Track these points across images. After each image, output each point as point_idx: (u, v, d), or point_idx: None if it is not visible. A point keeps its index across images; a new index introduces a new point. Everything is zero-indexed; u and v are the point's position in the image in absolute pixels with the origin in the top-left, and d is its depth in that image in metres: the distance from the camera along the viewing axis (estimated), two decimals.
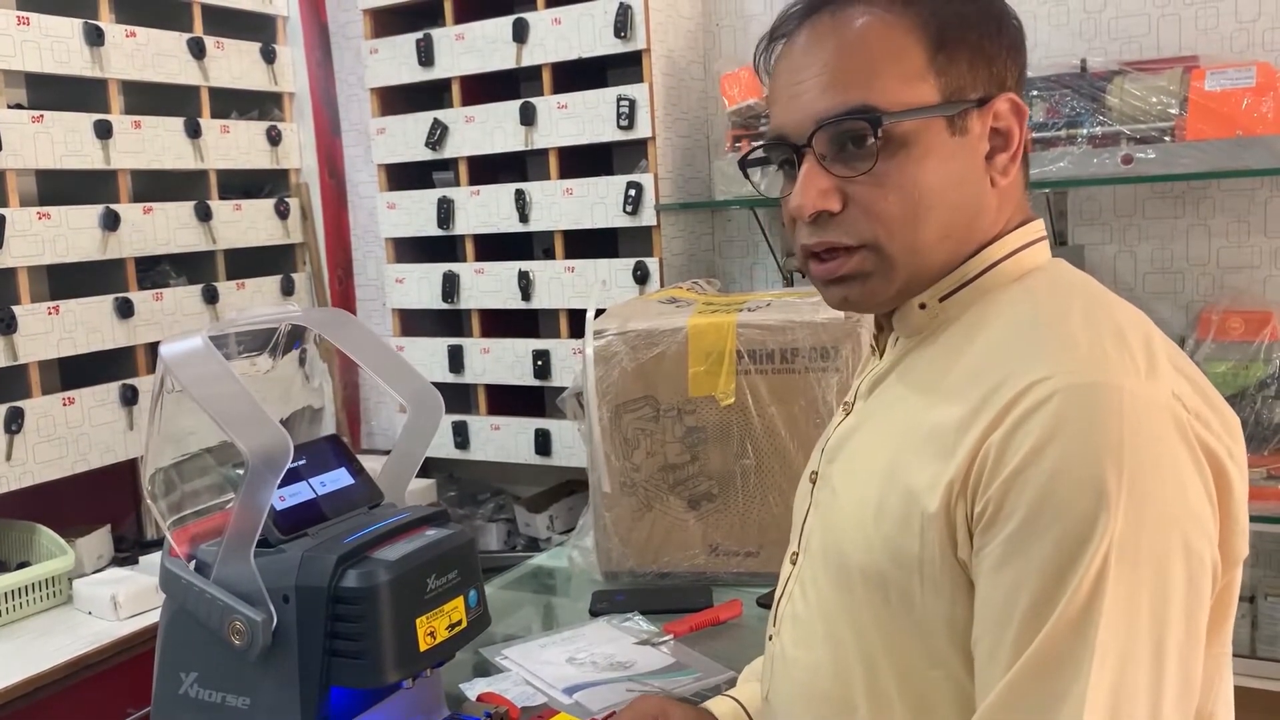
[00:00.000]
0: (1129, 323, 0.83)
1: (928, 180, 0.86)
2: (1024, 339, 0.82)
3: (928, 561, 0.81)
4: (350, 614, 1.05)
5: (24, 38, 2.20)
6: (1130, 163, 1.91)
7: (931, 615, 0.82)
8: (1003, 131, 0.88)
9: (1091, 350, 0.79)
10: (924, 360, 0.90)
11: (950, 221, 0.87)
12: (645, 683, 1.42)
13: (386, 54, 2.68)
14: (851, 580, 0.87)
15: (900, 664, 0.84)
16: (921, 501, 0.81)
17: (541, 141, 2.50)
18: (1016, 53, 0.90)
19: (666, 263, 2.41)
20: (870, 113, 0.85)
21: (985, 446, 0.77)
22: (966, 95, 0.86)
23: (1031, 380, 0.77)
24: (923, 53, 0.86)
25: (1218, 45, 2.07)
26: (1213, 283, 2.10)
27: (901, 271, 0.89)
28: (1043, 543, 0.74)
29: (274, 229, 2.83)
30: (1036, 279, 0.89)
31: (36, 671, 1.86)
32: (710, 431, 1.76)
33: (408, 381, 1.30)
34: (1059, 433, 0.74)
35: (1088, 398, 0.75)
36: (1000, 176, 0.88)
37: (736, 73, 2.29)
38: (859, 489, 0.89)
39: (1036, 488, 0.74)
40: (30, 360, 2.19)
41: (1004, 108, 0.88)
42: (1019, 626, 0.75)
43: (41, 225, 2.21)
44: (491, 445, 2.67)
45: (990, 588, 0.77)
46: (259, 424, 1.05)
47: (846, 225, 0.87)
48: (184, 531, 1.17)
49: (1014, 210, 0.91)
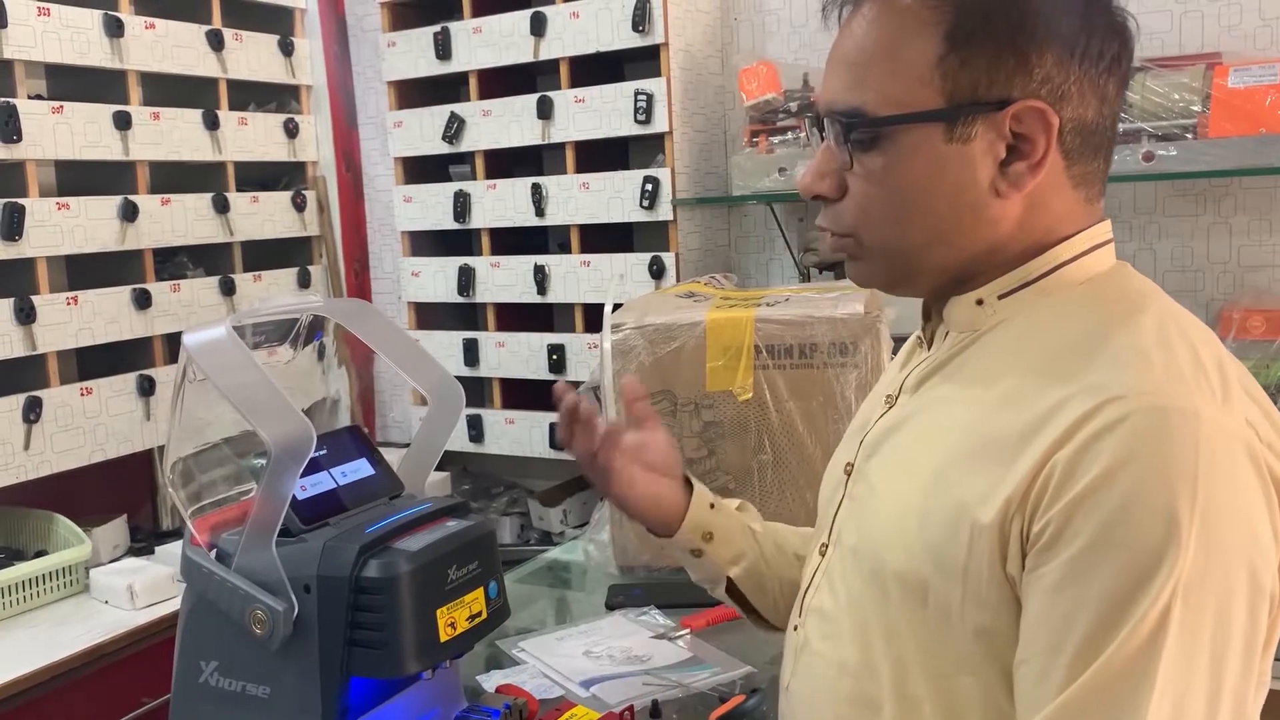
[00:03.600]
0: (1202, 342, 0.81)
1: (910, 186, 0.84)
2: (1094, 350, 0.79)
3: (973, 573, 0.79)
4: (371, 604, 1.05)
5: (44, 29, 2.20)
6: (1151, 160, 1.90)
7: (969, 625, 0.80)
8: (1027, 138, 0.81)
9: (1168, 371, 0.76)
10: (980, 359, 0.87)
11: (939, 229, 0.85)
12: (662, 676, 1.42)
13: (404, 47, 2.68)
14: (886, 583, 0.85)
15: (932, 668, 0.83)
16: (973, 512, 0.78)
17: (558, 135, 2.50)
18: (1074, 47, 0.81)
19: (682, 258, 2.41)
20: (856, 115, 0.84)
21: (1051, 463, 0.74)
22: (979, 97, 0.81)
23: (1105, 398, 0.74)
24: (933, 51, 0.82)
25: (1241, 42, 2.06)
26: (1233, 281, 2.09)
27: (886, 267, 0.88)
28: (1107, 570, 0.72)
29: (291, 221, 2.83)
30: (1104, 284, 0.85)
31: (53, 660, 1.87)
32: (728, 427, 1.76)
33: (429, 372, 1.29)
34: (1133, 457, 0.72)
35: (1164, 422, 0.72)
36: (1010, 188, 0.82)
37: (754, 67, 2.28)
38: (902, 490, 0.87)
39: (1106, 512, 0.72)
40: (49, 350, 2.20)
41: (1026, 114, 0.81)
42: (1074, 653, 0.73)
43: (60, 216, 2.22)
44: (506, 439, 2.67)
45: (1045, 610, 0.75)
46: (282, 413, 1.05)
47: (837, 213, 0.89)
48: (205, 520, 1.17)
49: (1063, 216, 0.85)
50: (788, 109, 2.27)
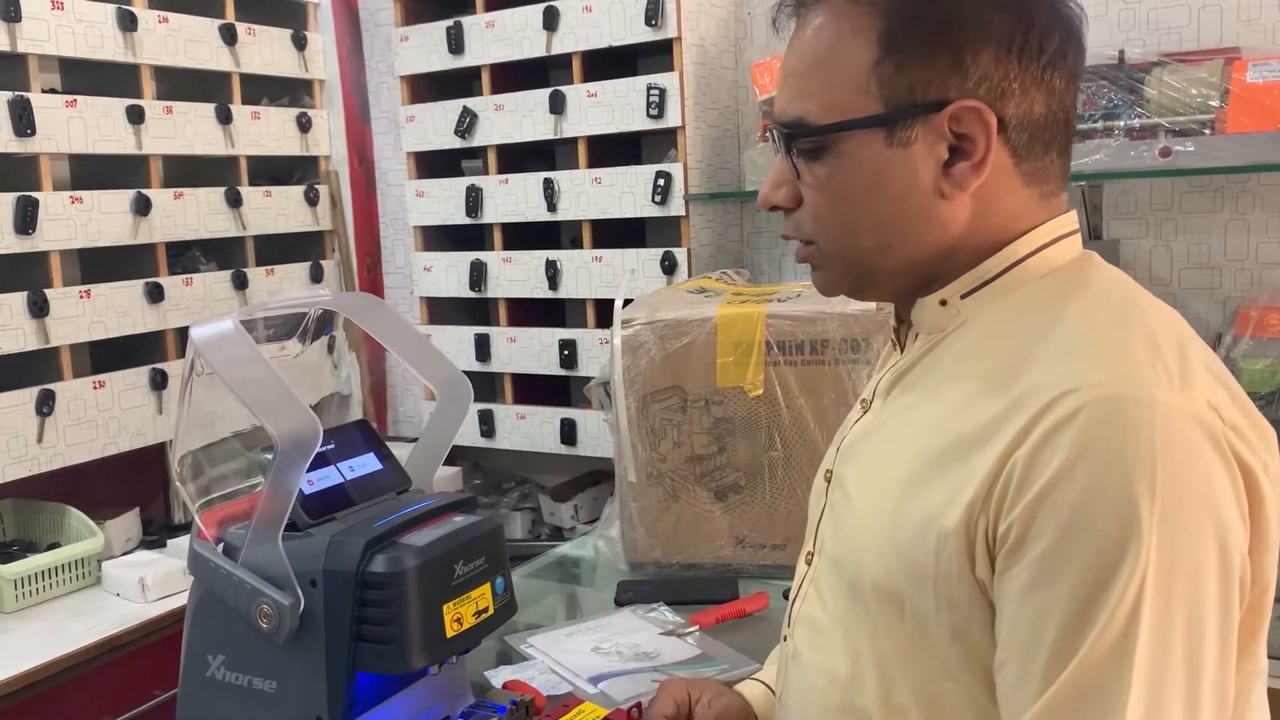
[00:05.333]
0: (1162, 326, 0.80)
1: (856, 192, 0.84)
2: (1050, 344, 0.78)
3: (942, 579, 0.78)
4: (377, 599, 1.05)
5: (58, 22, 2.21)
6: (1168, 155, 1.88)
7: (945, 632, 0.79)
8: (967, 137, 0.81)
9: (1121, 359, 0.75)
10: (945, 361, 0.87)
11: (888, 233, 0.85)
12: (670, 673, 1.42)
13: (416, 41, 2.68)
14: (865, 593, 0.85)
15: (915, 677, 0.82)
16: (939, 519, 0.78)
17: (571, 130, 2.49)
18: (1010, 44, 0.80)
19: (694, 253, 2.40)
20: (799, 125, 0.85)
21: (1010, 463, 0.74)
22: (916, 100, 0.81)
23: (1058, 392, 0.74)
24: (868, 57, 0.82)
25: (1260, 37, 2.04)
26: (1251, 278, 2.07)
27: (846, 272, 0.89)
28: (1073, 567, 0.71)
29: (303, 216, 2.84)
30: (1066, 276, 0.85)
31: (65, 652, 1.87)
32: (738, 423, 1.75)
33: (437, 367, 1.29)
34: (1088, 451, 0.71)
35: (1118, 412, 0.72)
36: (954, 189, 0.82)
37: (768, 62, 2.27)
38: (875, 497, 0.86)
39: (1066, 509, 0.71)
40: (62, 343, 2.21)
41: (964, 114, 0.80)
42: (1050, 653, 0.72)
43: (74, 209, 2.23)
44: (517, 434, 2.67)
45: (1017, 612, 0.74)
46: (289, 407, 1.05)
47: (796, 221, 0.90)
48: (212, 514, 1.17)
49: (1016, 214, 0.85)
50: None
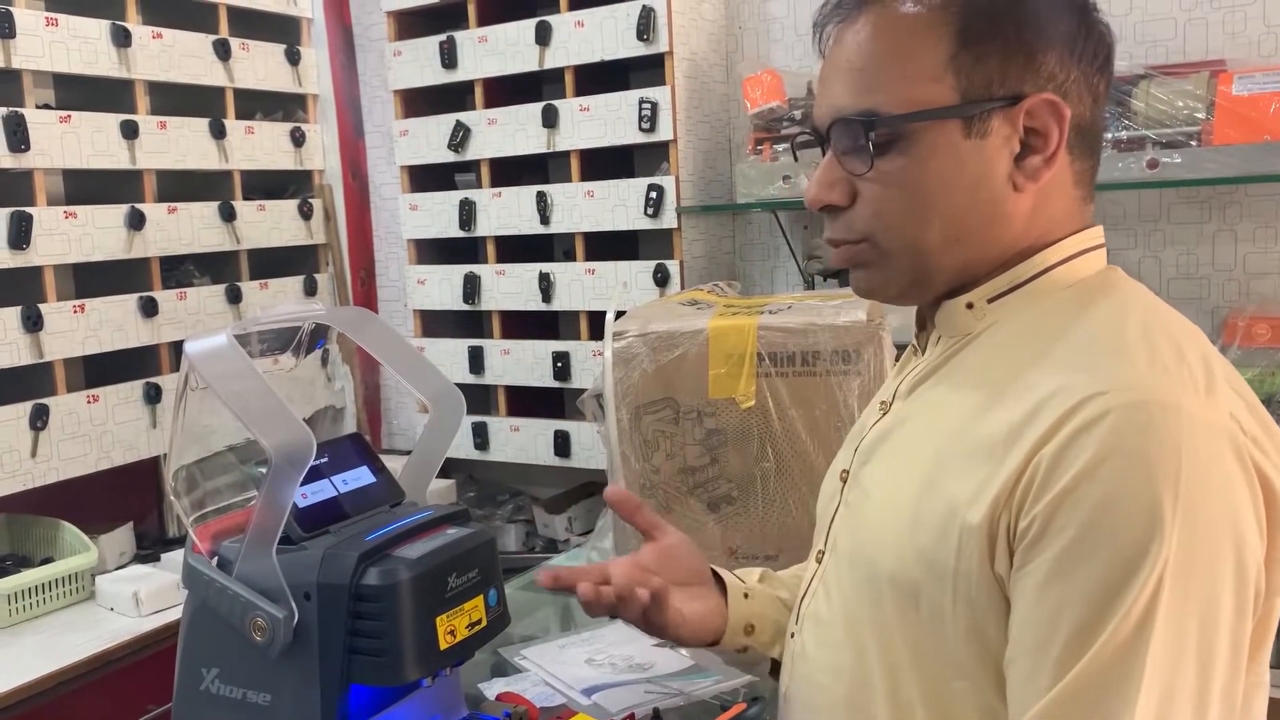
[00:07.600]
0: (1187, 338, 0.81)
1: (932, 183, 0.84)
2: (1079, 350, 0.80)
3: (963, 575, 0.79)
4: (371, 611, 1.06)
5: (52, 38, 2.22)
6: (1156, 167, 1.90)
7: (961, 629, 0.80)
8: (1039, 132, 0.84)
9: (1150, 366, 0.77)
10: (970, 363, 0.88)
11: (959, 225, 0.85)
12: (664, 684, 1.42)
13: (410, 56, 2.69)
14: (880, 588, 0.86)
15: (925, 674, 0.83)
16: (962, 513, 0.79)
17: (563, 144, 2.50)
18: (1073, 47, 0.84)
19: (687, 265, 2.41)
20: (872, 116, 0.84)
21: (1035, 460, 0.75)
22: (994, 93, 0.83)
23: (1087, 394, 0.75)
24: (945, 50, 0.83)
25: (1246, 49, 2.06)
26: (1239, 289, 2.08)
27: (904, 269, 0.88)
28: (1091, 565, 0.72)
29: (297, 230, 2.84)
30: (1091, 287, 0.87)
31: (59, 667, 1.87)
32: (730, 434, 1.76)
33: (430, 381, 1.30)
34: (1114, 452, 0.72)
35: (1145, 417, 0.73)
36: (1027, 180, 0.85)
37: (759, 75, 2.29)
38: (894, 494, 0.87)
39: (1088, 508, 0.72)
40: (56, 358, 2.21)
41: (1039, 107, 0.83)
42: (1062, 648, 0.73)
43: (68, 224, 2.23)
44: (511, 446, 2.67)
45: (1032, 607, 0.75)
46: (282, 421, 1.05)
47: (850, 220, 0.89)
48: (206, 528, 1.17)
49: (1062, 216, 0.88)
50: (792, 117, 2.27)
